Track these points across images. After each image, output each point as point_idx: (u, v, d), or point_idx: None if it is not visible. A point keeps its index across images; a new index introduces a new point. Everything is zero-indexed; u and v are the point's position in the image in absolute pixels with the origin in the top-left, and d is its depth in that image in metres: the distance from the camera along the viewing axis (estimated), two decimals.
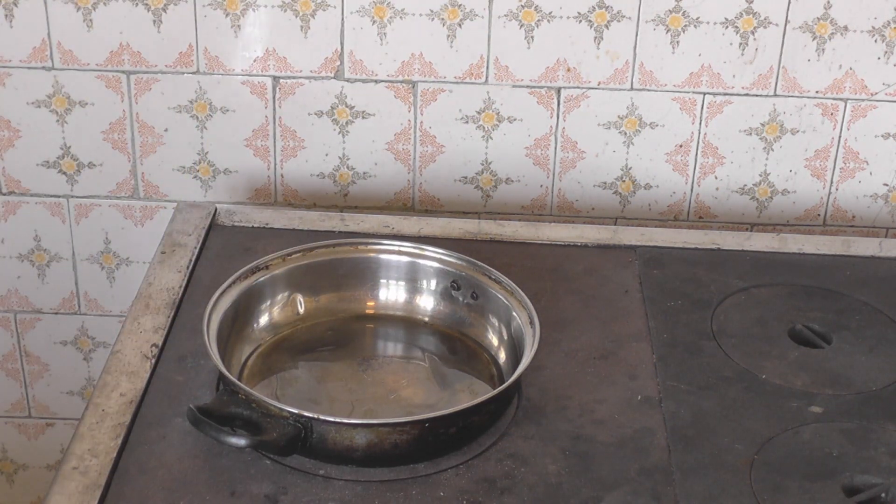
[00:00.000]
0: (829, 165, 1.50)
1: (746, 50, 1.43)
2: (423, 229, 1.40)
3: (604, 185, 1.52)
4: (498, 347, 1.22)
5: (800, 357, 1.21)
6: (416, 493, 1.02)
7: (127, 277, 1.58)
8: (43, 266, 1.58)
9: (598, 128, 1.48)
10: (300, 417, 1.03)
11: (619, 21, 1.42)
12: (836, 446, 1.09)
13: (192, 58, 1.45)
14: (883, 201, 1.52)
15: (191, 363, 1.16)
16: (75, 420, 1.11)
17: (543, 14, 1.41)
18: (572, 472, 1.05)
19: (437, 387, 1.19)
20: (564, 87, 1.46)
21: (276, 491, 1.01)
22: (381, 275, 1.27)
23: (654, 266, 1.35)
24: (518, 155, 1.50)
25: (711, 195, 1.52)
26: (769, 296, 1.31)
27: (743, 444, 1.09)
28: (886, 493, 1.04)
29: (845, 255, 1.40)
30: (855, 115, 1.47)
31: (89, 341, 1.63)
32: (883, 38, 1.42)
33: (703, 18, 1.42)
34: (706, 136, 1.48)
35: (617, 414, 1.12)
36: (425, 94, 1.46)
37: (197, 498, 1.00)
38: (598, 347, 1.21)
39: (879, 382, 1.18)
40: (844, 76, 1.44)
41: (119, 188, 1.52)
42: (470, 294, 1.24)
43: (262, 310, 1.23)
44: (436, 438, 1.05)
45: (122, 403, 1.10)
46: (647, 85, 1.45)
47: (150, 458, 1.04)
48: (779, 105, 1.47)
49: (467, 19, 1.42)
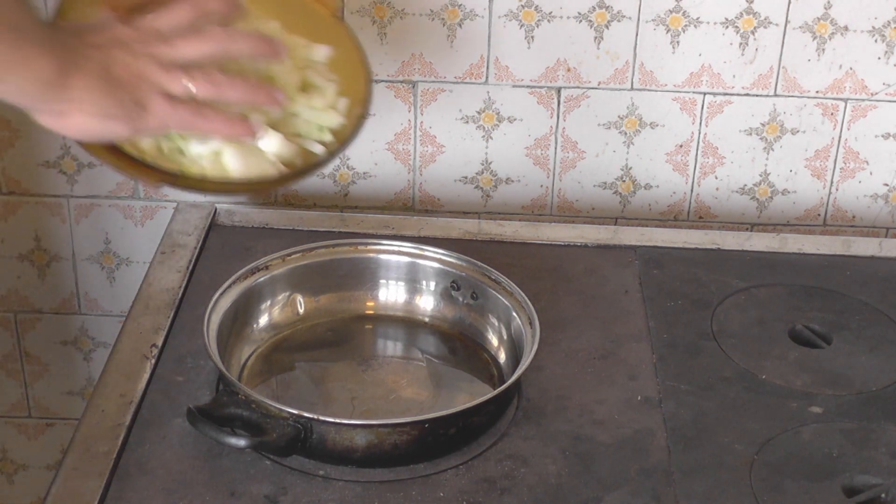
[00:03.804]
0: (829, 165, 1.50)
1: (746, 50, 1.43)
2: (423, 229, 1.40)
3: (604, 185, 1.52)
4: (498, 347, 1.22)
5: (800, 357, 1.21)
6: (416, 494, 1.02)
7: (127, 277, 1.58)
8: (43, 266, 1.58)
9: (598, 128, 1.48)
10: (300, 418, 1.03)
11: (619, 21, 1.42)
12: (836, 446, 1.09)
13: None
14: (883, 201, 1.52)
15: (190, 363, 1.16)
16: (75, 420, 1.11)
17: (543, 14, 1.41)
18: (572, 473, 1.05)
19: (437, 387, 1.19)
20: (564, 87, 1.46)
21: (276, 491, 1.01)
22: (380, 275, 1.27)
23: (654, 266, 1.35)
24: (518, 155, 1.50)
25: (711, 195, 1.52)
26: (769, 296, 1.31)
27: (743, 444, 1.09)
28: (886, 494, 1.04)
29: (845, 255, 1.40)
30: (855, 115, 1.47)
31: (89, 341, 1.63)
32: (883, 38, 1.42)
33: (703, 18, 1.42)
34: (706, 136, 1.48)
35: (617, 414, 1.12)
36: (425, 94, 1.46)
37: (197, 498, 1.00)
38: (598, 347, 1.21)
39: (879, 382, 1.18)
40: (844, 76, 1.44)
41: (119, 188, 1.52)
42: (470, 294, 1.24)
43: (262, 310, 1.23)
44: (436, 439, 1.05)
45: (121, 403, 1.10)
46: (647, 85, 1.45)
47: (150, 458, 1.04)
48: (779, 105, 1.46)
49: (467, 19, 1.42)
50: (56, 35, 0.90)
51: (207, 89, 0.94)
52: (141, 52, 0.92)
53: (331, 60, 1.09)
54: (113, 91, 0.90)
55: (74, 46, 0.90)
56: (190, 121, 0.94)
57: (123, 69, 0.91)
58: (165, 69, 0.93)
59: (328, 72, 1.08)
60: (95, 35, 0.92)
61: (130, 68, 0.91)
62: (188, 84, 0.93)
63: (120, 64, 0.91)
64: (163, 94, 0.92)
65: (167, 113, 0.93)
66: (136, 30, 0.94)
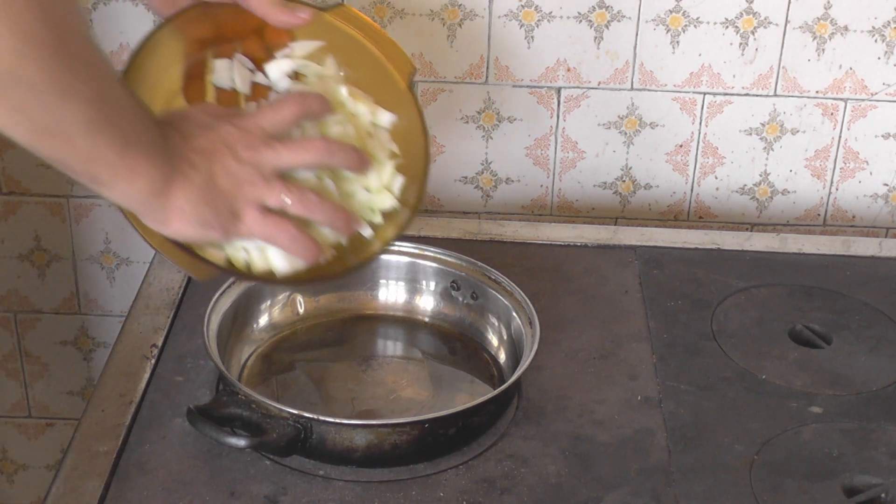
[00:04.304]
0: (829, 165, 1.50)
1: (746, 50, 1.43)
2: (423, 229, 1.40)
3: (604, 185, 1.52)
4: (498, 347, 1.22)
5: (800, 357, 1.21)
6: (416, 494, 1.02)
7: (127, 277, 1.58)
8: (43, 266, 1.58)
9: (598, 128, 1.48)
10: (300, 418, 1.03)
11: (619, 21, 1.42)
12: (836, 446, 1.09)
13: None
14: (883, 201, 1.52)
15: (190, 363, 1.16)
16: (75, 420, 1.11)
17: (543, 14, 1.41)
18: (572, 473, 1.05)
19: (437, 387, 1.19)
20: (564, 87, 1.46)
21: (276, 491, 1.01)
22: (381, 275, 1.27)
23: (654, 266, 1.35)
24: (518, 155, 1.50)
25: (711, 195, 1.52)
26: (769, 296, 1.31)
27: (743, 444, 1.09)
28: (886, 494, 1.04)
29: (845, 255, 1.40)
30: (855, 115, 1.47)
31: (89, 341, 1.63)
32: (883, 38, 1.42)
33: (703, 18, 1.42)
34: (706, 136, 1.48)
35: (617, 414, 1.12)
36: (425, 94, 1.46)
37: (197, 498, 1.00)
38: (598, 347, 1.21)
39: (879, 382, 1.18)
40: (844, 76, 1.44)
41: None
42: (470, 294, 1.24)
43: (262, 310, 1.23)
44: (436, 439, 1.05)
45: (121, 403, 1.10)
46: (647, 85, 1.45)
47: (150, 458, 1.04)
48: (779, 105, 1.47)
49: (467, 19, 1.42)
50: (164, 140, 0.90)
51: (299, 208, 0.95)
52: (246, 158, 0.93)
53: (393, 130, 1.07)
54: (214, 201, 0.91)
55: (181, 152, 0.91)
56: (275, 236, 0.95)
57: (226, 179, 0.92)
58: (266, 181, 0.94)
59: (390, 141, 1.06)
60: (202, 137, 0.92)
61: (234, 178, 0.92)
62: (285, 199, 0.94)
63: (224, 173, 0.92)
64: (258, 204, 0.94)
65: (258, 224, 0.94)
66: (241, 131, 0.94)
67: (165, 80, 1.01)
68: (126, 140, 0.86)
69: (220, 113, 0.96)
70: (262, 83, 1.06)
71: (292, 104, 0.98)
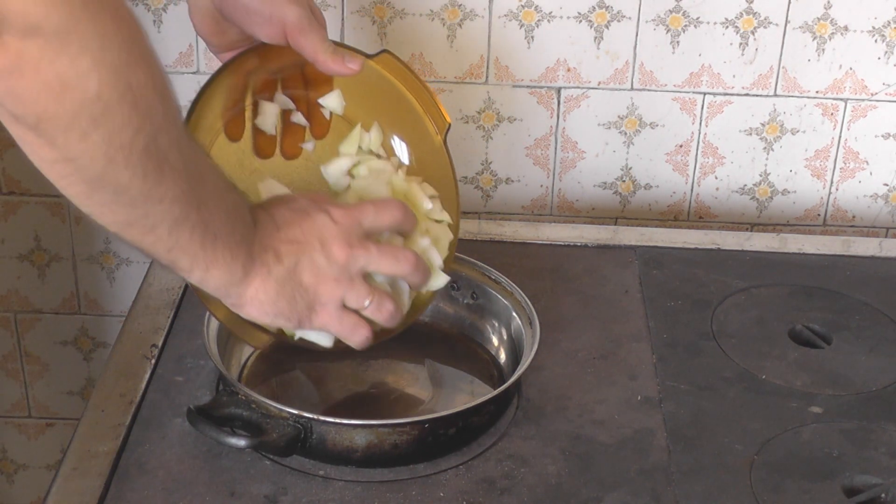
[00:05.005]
0: (829, 165, 1.50)
1: (746, 50, 1.43)
2: None
3: (604, 185, 1.52)
4: (498, 347, 1.22)
5: (800, 357, 1.21)
6: (416, 494, 1.02)
7: (127, 277, 1.58)
8: (43, 266, 1.58)
9: (598, 128, 1.48)
10: (300, 418, 1.03)
11: (619, 21, 1.42)
12: (836, 446, 1.09)
13: (193, 58, 1.44)
14: (883, 201, 1.52)
15: (190, 363, 1.16)
16: (75, 420, 1.11)
17: (543, 14, 1.41)
18: (572, 473, 1.05)
19: (437, 387, 1.19)
20: (564, 87, 1.46)
21: (276, 491, 1.01)
22: None
23: (654, 266, 1.35)
24: (518, 155, 1.50)
25: (711, 195, 1.52)
26: (769, 296, 1.31)
27: (743, 444, 1.09)
28: (886, 494, 1.04)
29: (845, 255, 1.40)
30: (855, 115, 1.47)
31: (89, 341, 1.63)
32: (883, 38, 1.42)
33: (703, 18, 1.42)
34: (706, 136, 1.48)
35: (617, 414, 1.12)
36: None
37: (197, 498, 1.00)
38: (598, 347, 1.21)
39: (879, 382, 1.18)
40: (844, 76, 1.44)
41: None
42: (470, 294, 1.24)
43: None
44: (435, 439, 1.05)
45: (121, 403, 1.10)
46: (647, 85, 1.45)
47: (150, 458, 1.04)
48: (779, 105, 1.46)
49: (467, 19, 1.42)
50: (253, 229, 0.90)
51: (375, 314, 0.96)
52: (335, 255, 0.92)
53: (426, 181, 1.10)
54: (292, 294, 0.92)
55: (268, 243, 0.90)
56: (347, 333, 0.95)
57: (311, 273, 0.92)
58: (351, 280, 0.93)
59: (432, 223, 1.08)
60: (296, 226, 0.92)
61: (318, 273, 0.92)
62: (366, 303, 0.94)
63: (309, 267, 0.91)
64: (337, 302, 0.93)
65: (334, 321, 0.94)
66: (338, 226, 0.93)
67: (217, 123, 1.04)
68: (210, 233, 0.85)
69: (318, 199, 0.95)
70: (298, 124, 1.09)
71: (395, 211, 0.97)
